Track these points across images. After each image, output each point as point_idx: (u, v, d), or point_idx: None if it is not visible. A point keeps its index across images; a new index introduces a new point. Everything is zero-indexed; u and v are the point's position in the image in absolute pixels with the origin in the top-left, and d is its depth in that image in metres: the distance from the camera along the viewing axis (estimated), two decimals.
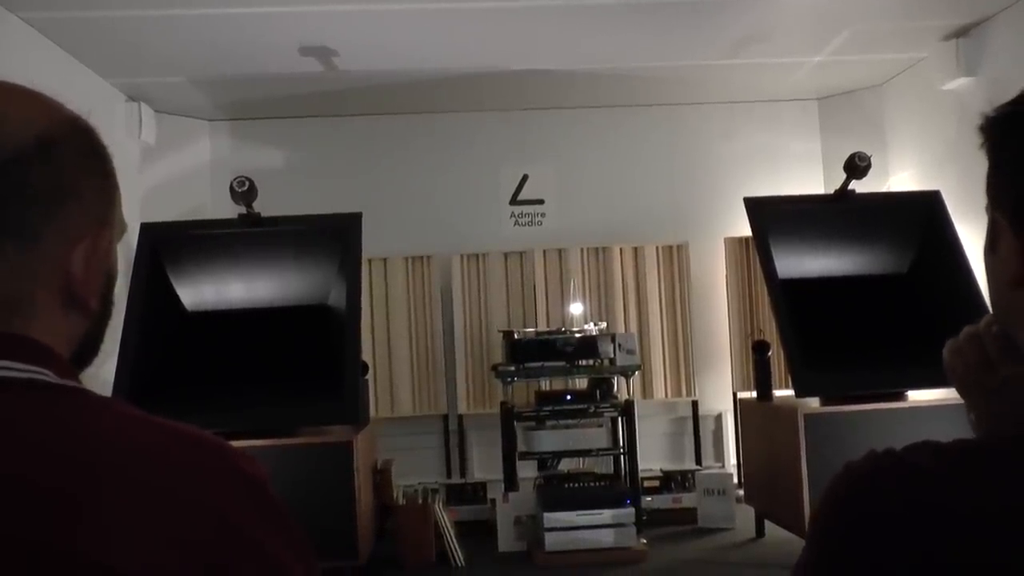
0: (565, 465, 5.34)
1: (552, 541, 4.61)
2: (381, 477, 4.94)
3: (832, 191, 5.03)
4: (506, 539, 4.93)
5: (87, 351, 0.83)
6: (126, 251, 4.55)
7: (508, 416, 5.05)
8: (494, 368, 5.30)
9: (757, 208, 4.86)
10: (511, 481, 5.01)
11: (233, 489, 0.72)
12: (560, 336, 5.21)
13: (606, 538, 4.63)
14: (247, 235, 4.69)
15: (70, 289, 0.78)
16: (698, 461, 6.08)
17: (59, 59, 4.67)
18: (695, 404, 6.11)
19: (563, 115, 6.33)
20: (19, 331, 0.74)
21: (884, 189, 5.78)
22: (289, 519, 0.75)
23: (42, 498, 0.65)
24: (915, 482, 0.71)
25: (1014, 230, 0.78)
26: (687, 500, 5.50)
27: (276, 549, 0.72)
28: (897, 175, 5.90)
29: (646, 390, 6.00)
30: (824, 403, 4.38)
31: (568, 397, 5.22)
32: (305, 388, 4.21)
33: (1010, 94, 0.82)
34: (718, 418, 6.26)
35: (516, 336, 5.24)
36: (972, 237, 4.64)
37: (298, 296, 4.67)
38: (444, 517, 4.80)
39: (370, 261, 5.79)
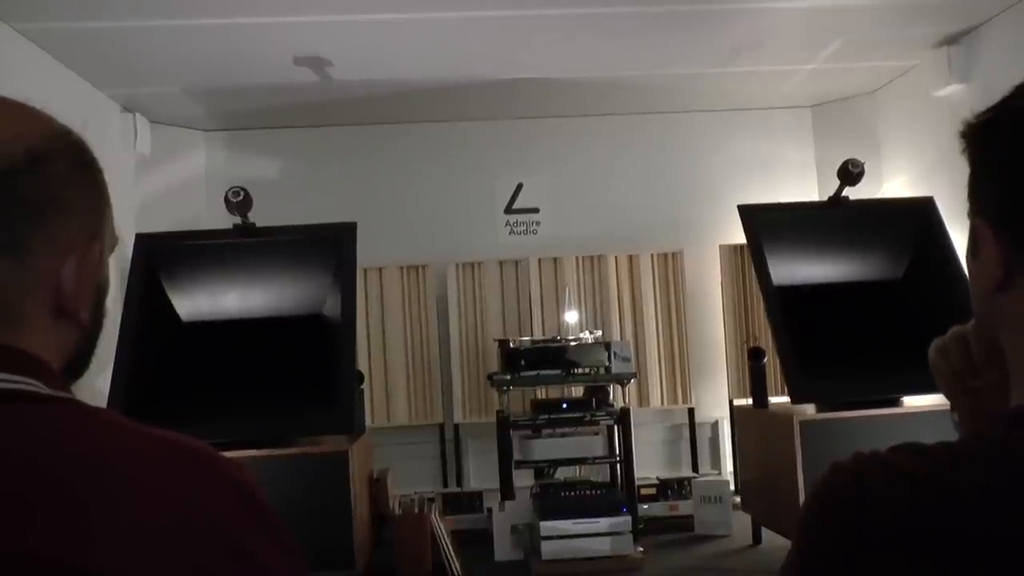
0: (562, 473, 5.33)
1: (549, 550, 4.60)
2: (377, 487, 4.93)
3: (826, 198, 5.05)
4: (503, 548, 4.92)
5: (79, 362, 0.84)
6: (121, 262, 4.55)
7: (504, 425, 5.04)
8: (490, 377, 5.30)
9: (751, 215, 4.87)
10: (508, 490, 5.00)
11: (223, 494, 0.72)
12: (556, 344, 5.21)
13: (603, 546, 4.62)
14: (242, 245, 4.69)
15: (60, 301, 0.78)
16: (695, 468, 6.08)
17: (54, 70, 4.67)
18: (691, 411, 6.11)
19: (557, 124, 6.34)
20: (8, 342, 0.75)
21: (878, 196, 5.80)
22: (279, 523, 0.75)
23: (29, 508, 0.65)
24: (899, 484, 0.72)
25: (995, 236, 0.78)
26: (684, 508, 5.50)
27: (265, 552, 0.72)
28: (891, 182, 5.91)
29: (642, 398, 6.00)
30: (820, 410, 4.39)
31: (564, 405, 5.21)
32: (300, 398, 4.21)
33: None
34: (714, 425, 6.26)
35: (512, 344, 5.24)
36: (966, 243, 4.65)
37: (293, 306, 4.67)
38: (441, 526, 4.79)
39: (365, 271, 5.80)
